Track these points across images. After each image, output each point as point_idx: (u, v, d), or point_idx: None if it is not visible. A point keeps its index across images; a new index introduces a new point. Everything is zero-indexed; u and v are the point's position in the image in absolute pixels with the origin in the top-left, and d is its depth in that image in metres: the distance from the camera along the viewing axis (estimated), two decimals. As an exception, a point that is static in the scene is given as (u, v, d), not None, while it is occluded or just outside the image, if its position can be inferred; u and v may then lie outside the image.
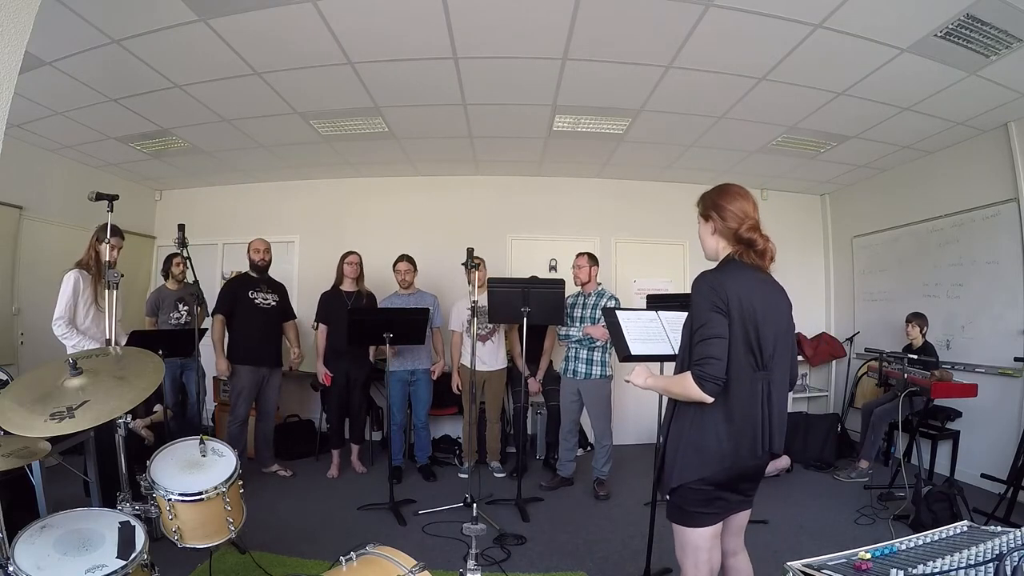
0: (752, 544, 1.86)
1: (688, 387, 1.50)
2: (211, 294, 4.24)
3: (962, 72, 3.14)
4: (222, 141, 4.54)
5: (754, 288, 1.55)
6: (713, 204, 1.67)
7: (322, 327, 4.11)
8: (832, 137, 4.28)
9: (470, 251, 3.39)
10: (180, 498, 1.80)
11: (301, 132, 4.35)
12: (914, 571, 1.10)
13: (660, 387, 1.68)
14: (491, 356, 4.19)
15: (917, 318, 4.20)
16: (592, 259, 3.92)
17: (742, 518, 1.73)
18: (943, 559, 1.14)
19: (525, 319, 3.45)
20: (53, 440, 1.67)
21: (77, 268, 3.14)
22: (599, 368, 3.78)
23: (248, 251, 4.09)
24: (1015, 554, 1.08)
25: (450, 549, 2.86)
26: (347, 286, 4.16)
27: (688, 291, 1.68)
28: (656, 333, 2.41)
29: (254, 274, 4.09)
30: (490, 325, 4.14)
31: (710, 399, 1.48)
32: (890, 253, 5.06)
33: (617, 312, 2.46)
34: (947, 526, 1.43)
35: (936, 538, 1.34)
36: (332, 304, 4.10)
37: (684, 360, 1.59)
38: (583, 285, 3.90)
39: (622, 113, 3.96)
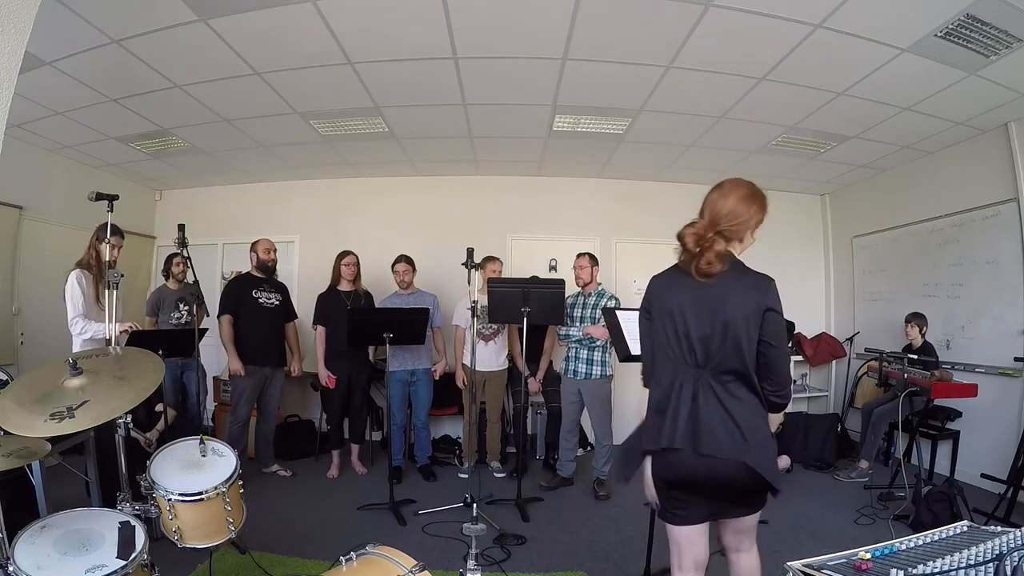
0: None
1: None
2: (211, 294, 4.24)
3: (962, 72, 3.14)
4: (222, 141, 4.54)
5: (682, 286, 1.62)
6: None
7: (320, 328, 4.10)
8: (832, 137, 4.28)
9: (470, 251, 3.38)
10: (180, 498, 1.80)
11: (301, 132, 4.35)
12: (914, 571, 1.10)
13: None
14: (493, 356, 4.19)
15: (916, 318, 4.20)
16: (593, 259, 3.92)
17: (741, 522, 1.69)
18: (943, 559, 1.14)
19: (525, 319, 3.45)
20: (53, 440, 1.67)
21: (78, 268, 3.14)
22: (599, 368, 3.78)
23: (256, 251, 4.07)
24: (1015, 554, 1.08)
25: (450, 549, 2.86)
26: (344, 286, 4.16)
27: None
28: (656, 333, 2.40)
29: (259, 273, 4.09)
30: (494, 326, 4.14)
31: (644, 387, 1.73)
32: (890, 253, 5.06)
33: (617, 312, 2.47)
34: (947, 526, 1.43)
35: (936, 538, 1.34)
36: (330, 305, 4.09)
37: None
38: (585, 285, 3.90)
39: (622, 113, 3.96)
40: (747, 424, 1.49)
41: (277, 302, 4.10)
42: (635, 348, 2.36)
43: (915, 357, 3.79)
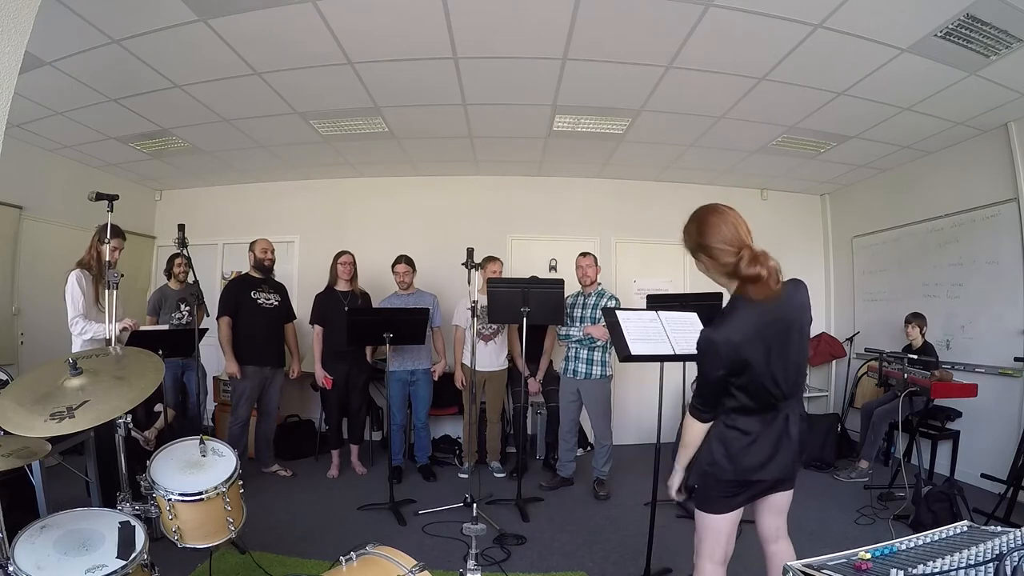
0: (752, 544, 1.86)
1: (693, 426, 1.65)
2: (211, 294, 4.23)
3: (962, 72, 3.14)
4: (222, 141, 4.54)
5: (764, 331, 1.51)
6: (698, 246, 1.59)
7: (318, 328, 4.10)
8: (832, 137, 4.28)
9: (470, 251, 3.38)
10: (180, 498, 1.80)
11: (301, 132, 4.35)
12: (914, 571, 1.09)
13: (687, 455, 1.71)
14: (493, 357, 4.19)
15: (916, 318, 4.20)
16: (594, 259, 3.93)
17: (781, 499, 1.73)
18: (943, 559, 1.13)
19: (525, 319, 3.45)
20: (53, 440, 1.67)
21: (78, 268, 3.14)
22: (599, 368, 3.78)
23: (253, 251, 4.07)
24: (1015, 554, 1.08)
25: (450, 549, 2.86)
26: (341, 286, 4.16)
27: (688, 291, 1.69)
28: (656, 333, 2.41)
29: (257, 274, 4.09)
30: (494, 326, 4.14)
31: (706, 425, 1.64)
32: (890, 253, 5.06)
33: (617, 312, 2.46)
34: (947, 526, 1.43)
35: (936, 538, 1.34)
36: (327, 305, 4.10)
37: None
38: (589, 284, 3.90)
39: (622, 113, 3.96)
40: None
41: (276, 302, 4.10)
42: (635, 348, 2.36)
43: (915, 357, 3.79)
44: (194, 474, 1.92)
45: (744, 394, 1.55)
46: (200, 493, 1.83)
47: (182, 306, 4.18)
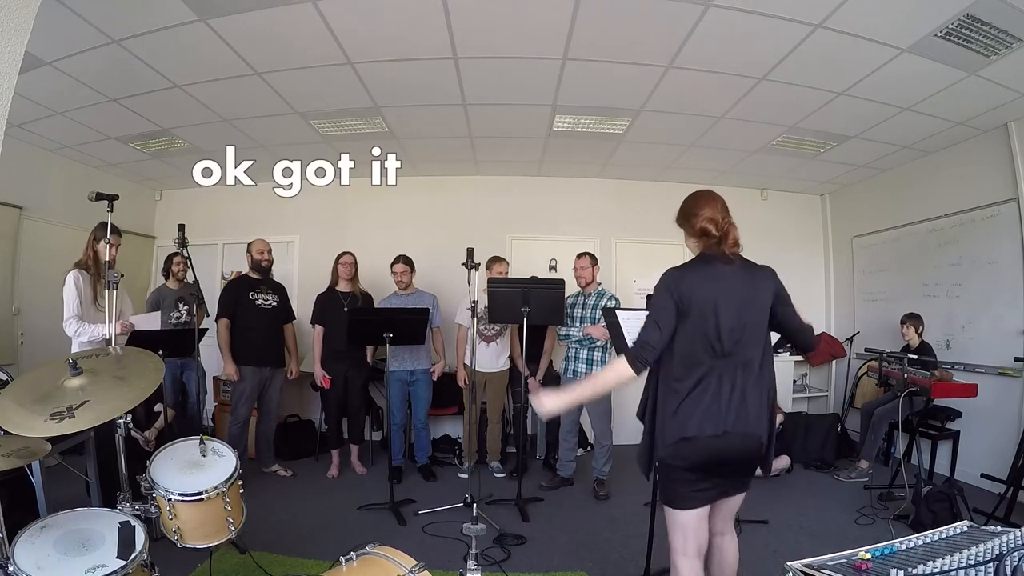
0: (752, 544, 1.87)
1: (620, 370, 1.67)
2: (211, 294, 4.23)
3: (962, 72, 3.13)
4: (222, 141, 4.52)
5: (713, 281, 1.65)
6: (682, 214, 1.82)
7: (318, 328, 4.10)
8: (832, 137, 4.28)
9: (470, 251, 3.38)
10: (180, 498, 1.80)
11: (301, 132, 4.34)
12: (914, 571, 1.10)
13: (586, 394, 1.78)
14: (494, 358, 4.19)
15: (911, 319, 4.19)
16: (593, 259, 3.93)
17: (733, 502, 1.78)
18: (943, 559, 1.14)
19: (525, 319, 3.44)
20: (53, 440, 1.67)
21: (76, 268, 3.14)
22: (599, 368, 3.78)
23: (250, 252, 4.08)
24: (1015, 554, 1.08)
25: (450, 549, 2.86)
26: (342, 287, 4.16)
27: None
28: (656, 333, 2.40)
29: (255, 275, 4.09)
30: (497, 327, 4.14)
31: (637, 375, 1.67)
32: (890, 253, 5.06)
33: (617, 312, 2.46)
34: (947, 526, 1.43)
35: (936, 538, 1.34)
36: (328, 305, 4.10)
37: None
38: (587, 285, 3.90)
39: (622, 113, 3.96)
40: (767, 404, 1.67)
41: (275, 303, 4.10)
42: (635, 348, 2.35)
43: (915, 357, 3.79)
44: (194, 474, 1.92)
45: (685, 341, 1.63)
46: (200, 493, 1.83)
47: (180, 305, 4.17)
